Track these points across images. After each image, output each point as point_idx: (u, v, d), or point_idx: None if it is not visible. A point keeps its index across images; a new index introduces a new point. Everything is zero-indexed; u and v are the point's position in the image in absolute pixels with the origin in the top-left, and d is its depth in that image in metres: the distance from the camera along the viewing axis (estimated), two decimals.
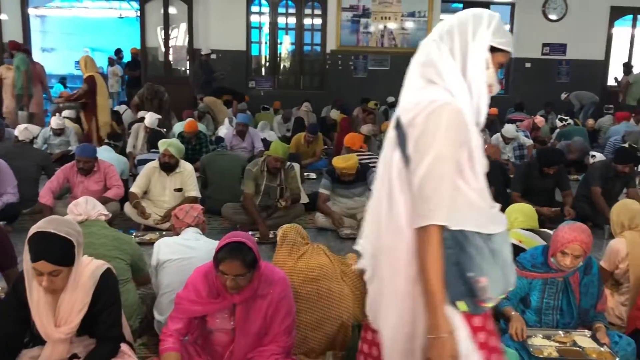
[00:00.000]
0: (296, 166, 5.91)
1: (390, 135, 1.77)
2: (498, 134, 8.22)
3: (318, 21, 12.70)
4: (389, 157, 1.73)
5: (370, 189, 5.38)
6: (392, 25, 12.53)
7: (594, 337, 2.82)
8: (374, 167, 5.73)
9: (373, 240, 1.80)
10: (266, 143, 7.55)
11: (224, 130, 8.04)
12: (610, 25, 13.05)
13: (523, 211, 3.64)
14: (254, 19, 12.72)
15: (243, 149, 7.63)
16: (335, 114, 10.07)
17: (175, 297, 2.59)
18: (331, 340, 3.00)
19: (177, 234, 3.29)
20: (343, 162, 5.29)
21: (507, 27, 13.18)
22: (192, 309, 2.53)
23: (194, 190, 5.32)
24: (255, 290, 2.51)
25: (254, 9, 12.63)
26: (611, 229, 3.75)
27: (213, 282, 2.51)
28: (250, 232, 4.81)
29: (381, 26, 12.52)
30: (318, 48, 12.93)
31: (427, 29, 12.49)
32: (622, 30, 13.50)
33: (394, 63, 12.57)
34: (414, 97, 1.70)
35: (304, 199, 5.79)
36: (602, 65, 13.05)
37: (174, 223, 3.36)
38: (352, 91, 12.14)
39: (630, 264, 3.42)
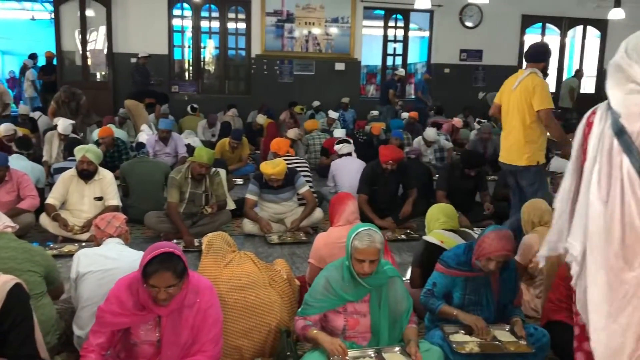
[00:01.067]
0: (222, 172, 5.83)
1: (609, 140, 1.82)
2: (420, 137, 8.46)
3: (242, 25, 12.61)
4: (616, 162, 1.79)
5: (298, 192, 5.44)
6: (316, 30, 12.64)
7: (512, 331, 2.93)
8: (302, 171, 5.75)
9: (582, 240, 1.87)
10: (190, 149, 7.40)
11: (144, 135, 7.80)
12: (522, 32, 13.75)
13: (445, 212, 3.74)
14: (176, 22, 12.46)
15: (167, 155, 7.45)
16: (261, 119, 10.04)
17: (97, 310, 2.48)
18: (261, 347, 2.97)
19: (98, 245, 3.16)
20: (272, 167, 5.26)
21: (426, 33, 13.64)
22: (116, 322, 2.44)
23: (114, 199, 5.13)
24: (182, 300, 2.45)
25: (176, 12, 12.38)
26: (522, 228, 3.93)
27: (138, 294, 2.43)
28: (174, 241, 4.72)
29: (305, 31, 12.60)
30: (243, 52, 12.84)
31: (351, 34, 12.70)
32: (532, 38, 14.24)
33: (319, 68, 12.68)
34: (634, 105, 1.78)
35: (231, 206, 5.72)
36: (515, 71, 13.65)
37: (95, 233, 3.22)
38: (278, 96, 12.14)
39: None
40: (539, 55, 4.67)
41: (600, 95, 14.02)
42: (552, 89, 13.89)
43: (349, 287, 2.74)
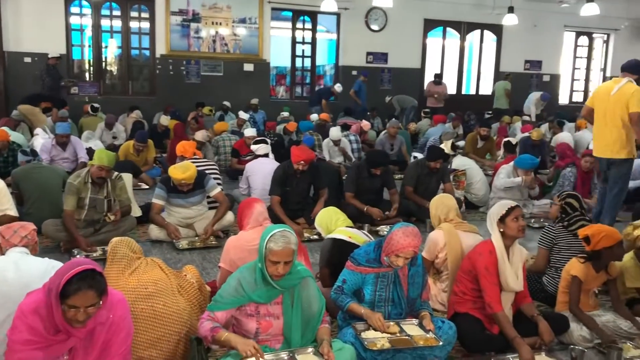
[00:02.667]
0: (127, 176, 5.59)
1: None
2: (328, 139, 8.56)
3: (146, 24, 12.21)
4: None
5: (210, 195, 5.31)
6: (223, 30, 12.46)
7: (420, 325, 3.00)
8: (211, 173, 5.63)
9: None
10: (91, 153, 7.04)
11: (40, 140, 7.34)
12: (424, 36, 14.28)
13: (339, 211, 3.84)
14: (74, 20, 11.85)
15: (65, 160, 7.04)
16: (165, 120, 9.71)
17: (8, 342, 2.27)
18: (170, 357, 2.86)
19: (2, 254, 2.92)
20: (181, 172, 5.09)
21: (334, 36, 13.82)
22: (33, 356, 2.24)
23: (11, 210, 4.77)
24: (96, 318, 2.31)
25: (74, 9, 11.77)
26: (431, 222, 4.08)
27: (48, 317, 2.24)
28: (75, 252, 4.46)
29: (212, 31, 12.39)
30: (147, 52, 12.43)
31: (259, 35, 12.64)
32: (434, 41, 14.84)
33: (227, 69, 12.52)
34: None
35: (136, 212, 5.50)
36: (419, 73, 14.22)
37: None
38: (185, 97, 11.86)
39: (447, 253, 3.73)
40: (637, 68, 5.39)
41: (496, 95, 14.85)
42: (452, 90, 14.57)
43: (261, 289, 2.70)
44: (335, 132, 8.44)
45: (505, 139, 8.47)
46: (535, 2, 14.24)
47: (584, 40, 16.45)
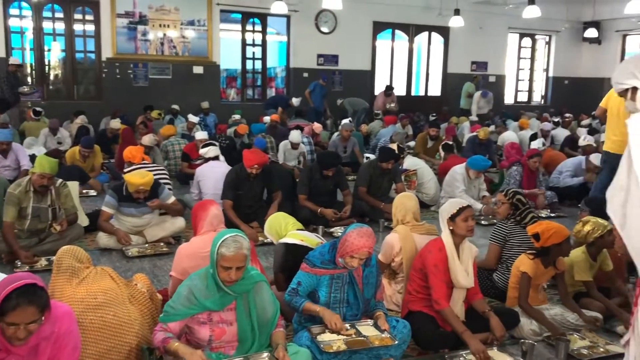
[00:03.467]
0: (73, 184, 5.41)
1: None
2: (287, 141, 8.52)
3: (91, 27, 11.89)
4: None
5: (165, 202, 5.17)
6: (172, 33, 12.26)
7: (375, 325, 3.02)
8: (161, 179, 5.51)
9: None
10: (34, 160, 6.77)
11: None
12: (374, 38, 14.43)
13: (287, 215, 3.81)
14: (14, 22, 11.43)
15: (6, 168, 6.76)
16: (116, 124, 9.47)
17: None
18: None
19: None
20: (140, 178, 4.94)
21: (285, 38, 13.81)
22: None
23: None
24: (39, 334, 2.20)
25: (13, 11, 11.34)
26: (393, 221, 4.06)
27: None
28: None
29: (160, 34, 12.17)
30: (92, 56, 12.10)
31: (208, 37, 12.49)
32: (383, 43, 15.01)
33: (176, 71, 12.33)
34: None
35: (84, 221, 5.32)
36: (370, 75, 14.35)
37: None
38: (134, 100, 11.61)
39: (403, 256, 3.76)
40: None
41: (445, 97, 15.18)
42: (402, 92, 14.77)
43: (213, 296, 2.66)
44: (295, 135, 8.42)
45: (443, 142, 8.65)
46: (480, 5, 14.61)
47: (527, 41, 16.99)
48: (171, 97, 11.97)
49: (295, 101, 12.14)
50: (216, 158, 6.42)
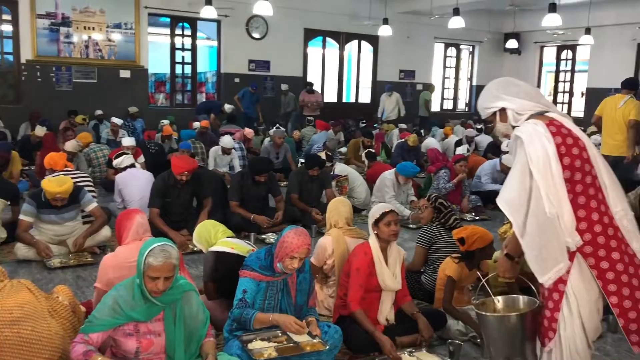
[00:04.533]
0: None
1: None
2: (218, 147, 8.42)
3: (8, 28, 11.29)
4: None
5: (85, 210, 4.96)
6: (97, 36, 11.85)
7: (307, 331, 3.02)
8: (85, 186, 5.29)
9: None
10: None
11: None
12: (305, 45, 14.52)
13: (216, 223, 3.77)
14: None
15: None
16: (41, 131, 9.01)
17: None
18: None
19: None
20: (57, 185, 4.70)
21: (215, 43, 13.62)
22: None
23: None
24: None
25: None
26: (327, 225, 4.08)
27: None
28: None
29: (85, 36, 11.73)
30: (11, 57, 11.49)
31: (135, 41, 12.16)
32: (314, 50, 15.13)
33: (102, 75, 11.92)
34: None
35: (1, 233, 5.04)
36: (301, 81, 14.41)
37: None
38: (56, 105, 11.13)
39: (335, 258, 3.79)
40: (635, 85, 7.22)
41: (375, 104, 15.46)
42: (333, 98, 14.92)
43: (139, 306, 2.57)
44: (227, 140, 8.33)
45: (367, 150, 8.83)
46: (408, 15, 14.99)
47: (452, 51, 17.59)
48: (97, 101, 11.55)
49: (227, 107, 12.01)
50: (132, 166, 6.23)
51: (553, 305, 2.35)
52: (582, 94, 16.34)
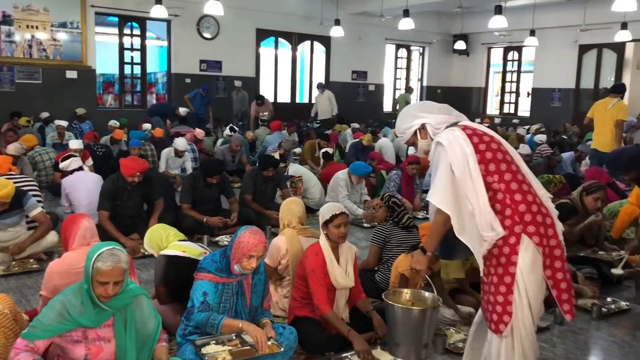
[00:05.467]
0: None
1: None
2: (170, 149, 8.28)
3: None
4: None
5: (29, 215, 4.78)
6: (41, 35, 11.46)
7: None
8: (30, 190, 5.11)
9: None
10: None
11: None
12: (257, 45, 14.45)
13: (167, 227, 3.72)
14: None
15: None
16: None
17: None
18: None
19: None
20: None
21: (165, 43, 13.43)
22: None
23: None
24: None
25: None
26: (280, 226, 4.07)
27: None
28: None
29: (28, 35, 11.33)
30: None
31: (82, 41, 11.84)
32: (267, 51, 15.07)
33: (47, 76, 11.54)
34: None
35: None
36: (254, 82, 14.34)
37: None
38: None
39: (289, 258, 3.79)
40: (622, 89, 8.24)
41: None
42: (286, 99, 14.91)
43: (88, 312, 2.50)
44: (181, 142, 8.19)
45: (324, 149, 8.87)
46: (359, 16, 15.12)
47: (403, 52, 17.85)
48: (42, 103, 11.18)
49: (182, 111, 11.82)
50: (80, 169, 6.06)
51: (506, 289, 2.45)
52: (528, 94, 16.85)
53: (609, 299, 4.34)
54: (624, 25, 11.94)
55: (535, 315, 2.49)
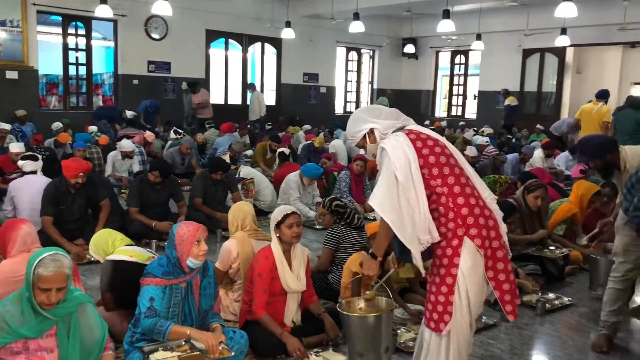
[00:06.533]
0: None
1: None
2: (116, 152, 8.09)
3: None
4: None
5: None
6: None
7: None
8: None
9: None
10: None
11: None
12: (207, 46, 14.28)
13: (113, 232, 3.63)
14: None
15: None
16: None
17: None
18: None
19: None
20: None
21: (112, 43, 13.11)
22: None
23: None
24: None
25: None
26: (229, 229, 4.02)
27: None
28: None
29: None
30: None
31: (23, 40, 11.41)
32: (217, 52, 14.91)
33: None
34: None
35: None
36: (204, 83, 14.15)
37: None
38: None
39: (240, 261, 3.75)
40: (606, 94, 9.36)
41: (280, 106, 15.51)
42: (237, 101, 14.74)
43: (29, 322, 2.41)
44: (126, 144, 7.99)
45: (280, 149, 8.87)
46: (310, 18, 15.16)
47: (353, 55, 17.99)
48: None
49: (129, 114, 11.54)
50: (33, 173, 5.85)
51: (447, 290, 2.52)
52: (475, 97, 17.28)
53: (552, 295, 4.49)
54: (563, 31, 12.42)
55: (473, 316, 2.58)
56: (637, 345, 3.83)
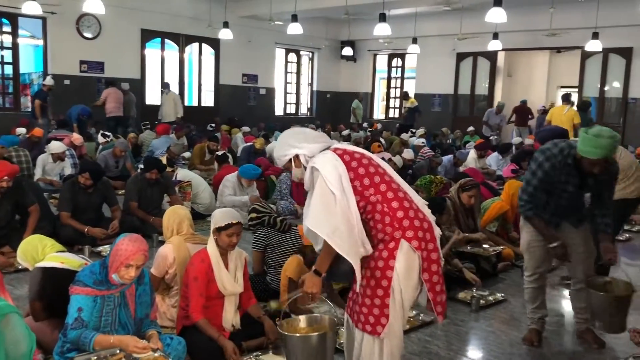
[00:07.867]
0: None
1: None
2: (46, 154, 7.78)
3: None
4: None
5: None
6: None
7: None
8: None
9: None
10: None
11: None
12: (143, 46, 13.95)
13: (43, 237, 3.49)
14: None
15: None
16: None
17: None
18: None
19: None
20: None
21: (41, 42, 12.56)
22: None
23: None
24: None
25: None
26: (164, 234, 3.93)
27: None
28: None
29: None
30: None
31: None
32: (153, 52, 14.59)
33: None
34: None
35: None
36: (139, 83, 13.83)
37: None
38: None
39: (177, 267, 3.67)
40: (569, 98, 10.31)
41: (218, 107, 15.33)
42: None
43: None
44: (57, 145, 7.68)
45: (219, 152, 8.77)
46: (249, 19, 15.07)
47: (293, 56, 18.02)
48: None
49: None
50: None
51: (383, 292, 2.56)
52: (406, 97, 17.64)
53: (486, 292, 4.64)
54: (495, 36, 12.89)
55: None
56: (569, 337, 4.01)
